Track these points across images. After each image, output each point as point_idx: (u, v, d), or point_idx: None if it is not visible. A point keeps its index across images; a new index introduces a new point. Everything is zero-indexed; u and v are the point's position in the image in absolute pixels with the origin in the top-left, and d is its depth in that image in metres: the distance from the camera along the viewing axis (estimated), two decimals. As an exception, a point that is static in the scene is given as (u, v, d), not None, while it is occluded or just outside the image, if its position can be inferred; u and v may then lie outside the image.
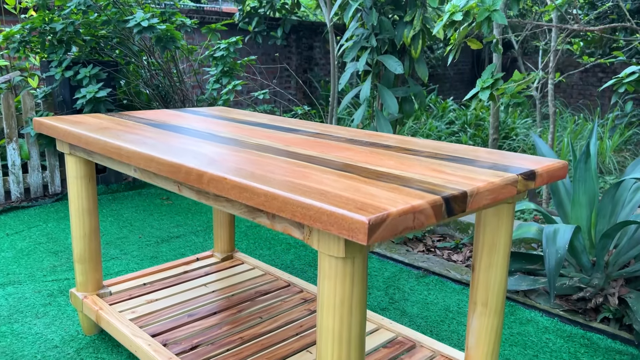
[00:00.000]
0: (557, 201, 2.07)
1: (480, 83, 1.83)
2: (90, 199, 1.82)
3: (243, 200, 1.04)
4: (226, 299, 1.92)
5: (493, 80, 1.76)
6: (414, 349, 1.62)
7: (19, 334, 1.93)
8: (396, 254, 2.73)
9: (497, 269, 1.38)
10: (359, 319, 1.00)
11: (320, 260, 0.99)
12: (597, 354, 1.87)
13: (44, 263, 2.58)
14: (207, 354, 1.57)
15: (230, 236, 2.27)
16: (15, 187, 3.46)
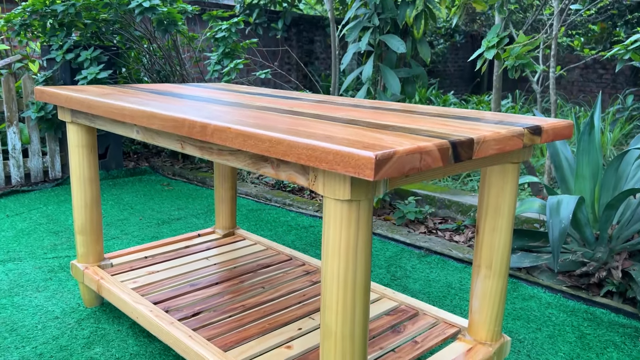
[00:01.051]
0: (560, 176, 2.07)
1: (486, 43, 1.82)
2: (92, 168, 1.82)
3: (247, 148, 1.04)
4: (228, 271, 1.91)
5: (498, 39, 1.75)
6: (417, 317, 1.61)
7: (19, 306, 1.92)
8: (397, 235, 2.72)
9: (502, 232, 1.37)
10: (363, 264, 0.99)
11: (326, 206, 0.99)
12: (601, 327, 1.87)
13: (44, 242, 2.57)
14: (209, 319, 1.56)
15: (231, 213, 2.26)
16: (16, 171, 3.45)
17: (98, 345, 1.69)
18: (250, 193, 3.49)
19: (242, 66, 3.05)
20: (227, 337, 1.47)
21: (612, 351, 1.73)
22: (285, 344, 1.44)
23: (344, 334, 1.01)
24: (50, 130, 3.47)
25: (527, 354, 1.71)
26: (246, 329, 1.52)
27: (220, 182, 2.21)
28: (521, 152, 1.31)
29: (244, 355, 1.38)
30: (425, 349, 1.44)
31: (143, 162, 4.24)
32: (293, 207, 3.24)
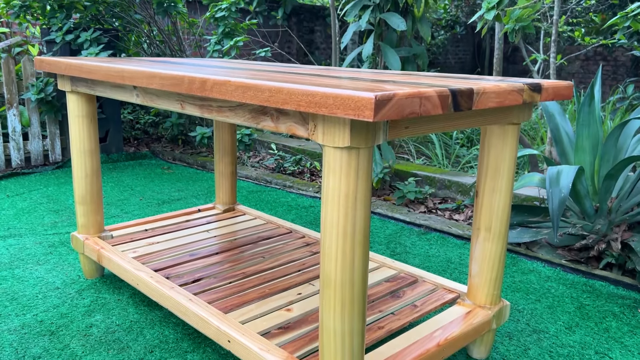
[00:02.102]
0: (560, 150, 2.07)
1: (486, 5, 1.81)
2: (92, 139, 1.82)
3: (247, 99, 1.04)
4: (228, 242, 1.91)
5: (498, 0, 1.74)
6: (416, 283, 1.62)
7: (20, 278, 1.93)
8: (397, 214, 2.72)
9: (501, 193, 1.38)
10: (363, 213, 1.00)
11: (325, 155, 0.99)
12: (600, 299, 1.87)
13: (44, 219, 2.58)
14: (209, 285, 1.57)
15: (232, 188, 2.26)
16: (16, 153, 3.46)
17: (98, 313, 1.69)
18: (250, 176, 3.49)
19: (242, 44, 3.05)
20: (227, 300, 1.47)
21: (611, 320, 1.73)
22: (285, 307, 1.45)
23: (344, 282, 1.02)
24: (50, 113, 3.46)
25: (526, 322, 1.71)
26: (246, 293, 1.52)
27: (220, 156, 2.21)
28: (521, 112, 1.32)
29: (244, 317, 1.38)
30: (424, 312, 1.44)
31: (143, 147, 4.24)
32: (293, 188, 3.24)
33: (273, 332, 1.32)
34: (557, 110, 2.12)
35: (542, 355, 1.53)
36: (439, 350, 1.27)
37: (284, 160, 3.70)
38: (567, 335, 1.64)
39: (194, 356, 1.47)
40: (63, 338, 1.54)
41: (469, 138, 4.81)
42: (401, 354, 1.22)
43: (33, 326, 1.60)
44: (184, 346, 1.52)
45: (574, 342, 1.60)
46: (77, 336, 1.56)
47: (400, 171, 3.16)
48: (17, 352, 1.47)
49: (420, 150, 4.28)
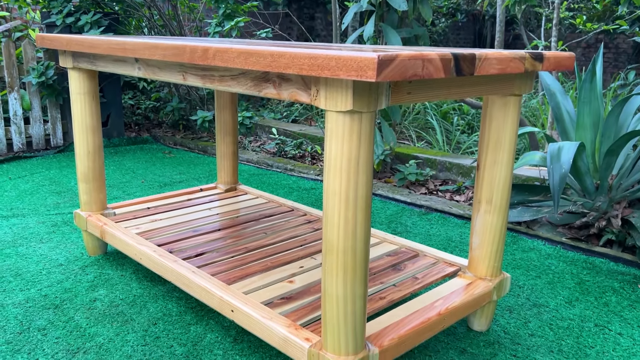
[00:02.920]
0: (561, 128, 2.07)
1: None
2: (94, 116, 1.82)
3: (249, 66, 1.04)
4: (230, 220, 1.92)
5: None
6: (417, 257, 1.63)
7: (23, 255, 1.94)
8: (398, 195, 2.73)
9: (502, 166, 1.38)
10: (365, 178, 1.00)
11: (328, 121, 0.99)
12: (600, 275, 1.88)
13: (47, 200, 2.59)
14: (212, 259, 1.58)
15: (233, 168, 2.27)
16: (17, 137, 3.46)
17: (102, 288, 1.70)
18: (251, 159, 3.50)
19: (243, 24, 3.04)
20: (230, 273, 1.48)
21: (610, 295, 1.75)
22: (288, 279, 1.46)
23: (346, 248, 1.03)
24: (51, 97, 3.46)
25: (526, 297, 1.73)
26: (249, 267, 1.53)
27: (221, 137, 2.21)
28: (523, 83, 1.32)
29: (247, 288, 1.40)
30: (425, 283, 1.45)
31: (144, 133, 4.24)
32: (294, 172, 3.25)
33: (276, 302, 1.33)
34: (558, 89, 2.11)
35: (542, 327, 1.54)
36: (439, 319, 1.28)
37: (285, 145, 3.71)
38: (567, 309, 1.65)
39: (197, 328, 1.49)
40: (67, 311, 1.56)
41: (469, 125, 4.81)
42: (402, 322, 1.23)
43: (37, 300, 1.62)
44: (187, 319, 1.53)
45: (574, 316, 1.61)
46: (81, 309, 1.57)
47: (401, 154, 3.17)
48: (21, 324, 1.49)
49: (421, 135, 4.28)
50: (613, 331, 1.53)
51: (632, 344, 1.47)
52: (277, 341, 1.19)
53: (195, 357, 1.35)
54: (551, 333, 1.51)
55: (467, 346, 1.44)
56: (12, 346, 1.38)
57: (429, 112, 4.72)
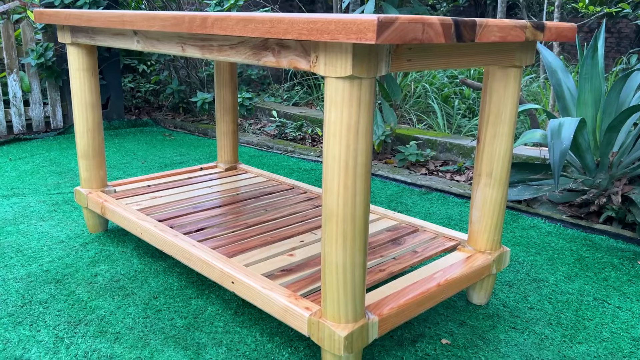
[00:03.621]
0: (562, 105, 2.06)
1: None
2: (93, 92, 1.81)
3: (248, 33, 1.03)
4: (231, 197, 1.92)
5: None
6: (417, 232, 1.63)
7: (24, 232, 1.95)
8: (399, 175, 2.73)
9: (503, 139, 1.38)
10: (364, 146, 1.00)
11: (327, 88, 0.99)
12: (599, 252, 1.89)
13: (47, 180, 2.59)
14: (213, 234, 1.58)
15: (233, 147, 2.26)
16: (17, 119, 3.45)
17: (103, 263, 1.71)
18: (251, 142, 3.49)
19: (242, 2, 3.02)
20: (230, 247, 1.49)
21: (610, 271, 1.75)
22: (288, 252, 1.46)
23: (345, 216, 1.03)
24: (50, 79, 3.45)
25: (526, 273, 1.73)
26: (249, 241, 1.54)
27: (221, 115, 2.21)
28: (523, 54, 1.31)
29: (247, 261, 1.40)
30: (424, 257, 1.46)
31: (144, 116, 4.23)
32: (295, 153, 3.24)
33: (276, 274, 1.33)
34: (560, 67, 2.10)
35: (541, 301, 1.55)
36: (439, 290, 1.28)
37: (285, 127, 3.70)
38: (566, 284, 1.66)
39: (198, 301, 1.49)
40: (69, 285, 1.57)
41: (470, 109, 4.80)
42: (402, 292, 1.24)
43: (39, 275, 1.63)
44: (188, 293, 1.54)
45: (573, 290, 1.62)
46: (82, 284, 1.58)
47: (402, 135, 3.16)
48: (23, 297, 1.50)
49: (422, 119, 4.27)
50: (612, 305, 1.54)
51: (631, 316, 1.48)
52: (277, 311, 1.20)
53: (196, 329, 1.36)
54: (550, 306, 1.52)
55: (466, 319, 1.45)
56: (14, 318, 1.39)
57: (430, 96, 4.71)
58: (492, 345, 1.33)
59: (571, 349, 1.32)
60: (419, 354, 1.28)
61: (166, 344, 1.29)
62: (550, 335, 1.38)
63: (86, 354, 1.25)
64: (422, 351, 1.29)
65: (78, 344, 1.28)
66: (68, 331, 1.34)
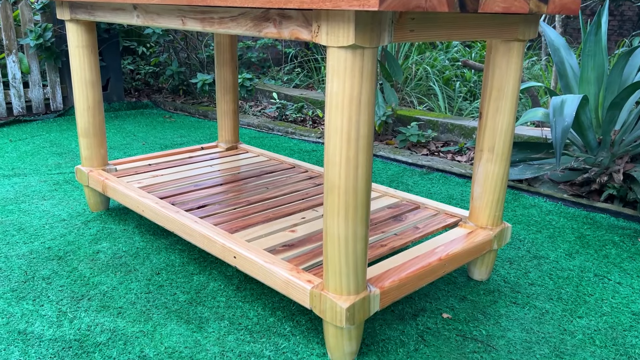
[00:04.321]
0: (564, 83, 2.05)
1: None
2: (93, 70, 1.80)
3: (249, 3, 1.02)
4: (232, 176, 1.92)
5: None
6: (418, 209, 1.63)
7: (26, 211, 1.95)
8: (400, 156, 2.72)
9: (505, 114, 1.37)
10: (367, 117, 1.00)
11: (329, 58, 0.98)
12: (600, 230, 1.89)
13: (48, 161, 2.59)
14: (214, 211, 1.58)
15: (234, 126, 2.25)
16: (17, 101, 3.44)
17: (105, 241, 1.72)
18: (252, 123, 3.48)
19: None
20: (232, 223, 1.49)
21: (610, 248, 1.76)
22: (290, 228, 1.47)
23: (347, 187, 1.02)
24: (49, 60, 3.43)
25: (527, 250, 1.74)
26: (251, 217, 1.54)
27: (222, 94, 2.20)
28: (527, 27, 1.30)
29: (249, 236, 1.40)
30: (426, 233, 1.46)
31: (144, 98, 4.22)
32: (295, 135, 3.24)
33: (278, 249, 1.34)
34: (562, 44, 2.09)
35: (542, 277, 1.56)
36: (440, 264, 1.29)
37: (286, 109, 3.69)
38: (567, 261, 1.66)
39: (200, 277, 1.50)
40: (71, 262, 1.57)
41: (471, 92, 4.78)
42: (403, 266, 1.24)
43: (41, 252, 1.63)
44: (190, 269, 1.55)
45: (574, 267, 1.63)
46: (84, 260, 1.58)
47: (403, 116, 3.15)
48: (26, 273, 1.50)
49: (423, 101, 4.25)
50: (612, 280, 1.55)
51: (632, 292, 1.48)
52: (279, 284, 1.20)
53: (198, 304, 1.37)
54: (551, 282, 1.53)
55: (467, 294, 1.45)
56: (17, 293, 1.40)
57: (431, 78, 4.68)
58: (493, 319, 1.34)
59: (571, 323, 1.33)
60: (420, 328, 1.29)
61: (169, 318, 1.30)
62: (550, 309, 1.39)
63: (89, 327, 1.26)
64: (423, 325, 1.30)
65: (81, 318, 1.29)
66: (71, 306, 1.34)
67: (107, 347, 1.19)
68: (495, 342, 1.24)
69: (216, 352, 1.18)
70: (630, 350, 1.22)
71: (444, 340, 1.24)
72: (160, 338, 1.22)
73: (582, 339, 1.26)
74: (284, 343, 1.22)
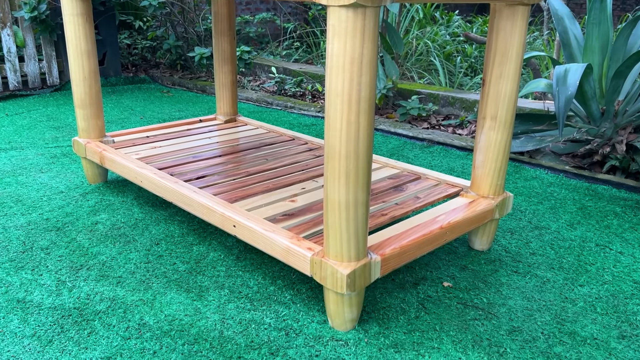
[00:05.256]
0: (568, 53, 2.01)
1: None
2: (89, 39, 1.77)
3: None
4: (231, 147, 1.90)
5: None
6: (419, 179, 1.62)
7: (23, 183, 1.93)
8: (400, 129, 2.70)
9: (509, 80, 1.35)
10: (368, 79, 0.97)
11: (330, 18, 0.95)
12: (602, 201, 1.88)
13: (45, 134, 2.56)
14: (213, 181, 1.57)
15: (233, 99, 2.23)
16: (13, 75, 3.40)
17: (103, 212, 1.70)
18: (250, 98, 3.45)
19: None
20: (231, 193, 1.48)
21: (612, 219, 1.75)
22: (290, 198, 1.45)
23: (348, 152, 1.01)
24: (45, 33, 3.38)
25: (528, 221, 1.73)
26: (250, 188, 1.52)
27: (220, 65, 2.16)
28: (532, -10, 1.26)
29: (249, 206, 1.39)
30: (427, 202, 1.45)
31: (141, 73, 4.17)
32: (294, 109, 3.21)
33: (278, 218, 1.33)
34: (566, 14, 2.05)
35: (543, 247, 1.55)
36: (441, 233, 1.28)
37: (285, 83, 3.65)
38: (568, 231, 1.65)
39: (199, 248, 1.49)
40: (69, 233, 1.56)
41: (472, 67, 4.73)
42: (404, 234, 1.23)
43: (39, 223, 1.62)
44: (189, 239, 1.54)
45: (575, 237, 1.62)
46: (83, 231, 1.57)
47: (404, 90, 3.11)
48: (24, 244, 1.49)
49: (424, 76, 4.20)
50: (614, 250, 1.54)
51: (633, 261, 1.48)
52: (279, 252, 1.19)
53: (198, 273, 1.36)
54: (552, 252, 1.52)
55: (468, 263, 1.45)
56: (16, 263, 1.39)
57: (432, 53, 4.63)
58: (494, 288, 1.33)
59: (572, 291, 1.33)
60: (421, 296, 1.28)
61: (169, 287, 1.29)
62: (552, 278, 1.38)
63: (89, 296, 1.25)
64: (423, 293, 1.30)
65: (80, 287, 1.28)
66: (70, 275, 1.34)
67: (106, 315, 1.18)
68: (496, 310, 1.24)
69: (216, 319, 1.17)
70: (632, 317, 1.22)
71: (444, 308, 1.24)
72: (160, 306, 1.22)
73: (584, 307, 1.26)
74: (285, 311, 1.21)
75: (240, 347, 1.09)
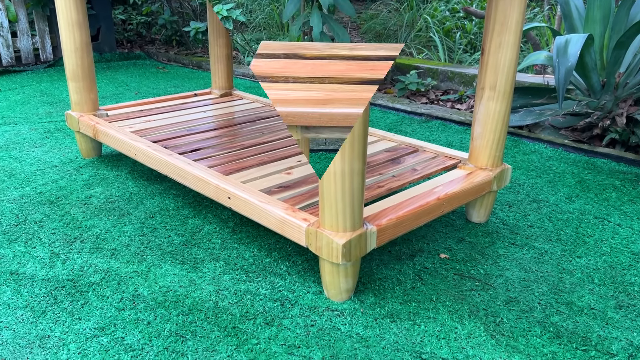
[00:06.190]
0: (569, 25, 1.98)
1: None
2: (79, 10, 1.73)
3: None
4: (226, 121, 1.88)
5: None
6: (417, 152, 1.60)
7: (17, 158, 1.91)
8: (398, 104, 2.67)
9: (508, 49, 1.32)
10: (365, 43, 0.94)
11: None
12: (601, 174, 1.86)
13: (39, 110, 2.53)
14: (208, 154, 1.55)
15: (228, 72, 2.19)
16: (5, 50, 3.34)
17: (97, 186, 1.69)
18: (247, 74, 3.41)
19: None
20: (226, 166, 1.46)
21: (611, 192, 1.73)
22: (285, 171, 1.43)
23: (344, 120, 0.98)
24: (37, 8, 3.32)
25: (526, 194, 1.71)
26: (245, 160, 1.50)
27: (214, 38, 2.13)
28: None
29: (244, 179, 1.37)
30: (424, 174, 1.43)
31: (137, 50, 4.11)
32: (292, 84, 3.16)
33: (273, 190, 1.31)
34: (569, -16, 2.01)
35: (541, 220, 1.54)
36: (438, 204, 1.26)
37: (282, 59, 3.59)
38: (567, 204, 1.64)
39: (194, 221, 1.48)
40: (63, 206, 1.55)
41: (472, 44, 4.67)
42: (401, 204, 1.22)
43: (32, 197, 1.60)
44: (184, 213, 1.53)
45: (574, 209, 1.61)
46: (77, 205, 1.56)
47: (402, 65, 3.07)
48: (17, 217, 1.48)
49: (423, 52, 4.15)
50: (612, 222, 1.53)
51: (631, 233, 1.47)
52: (274, 223, 1.18)
53: (193, 246, 1.35)
54: (550, 224, 1.51)
55: (465, 235, 1.44)
56: (9, 236, 1.38)
57: (431, 29, 4.57)
58: (491, 259, 1.32)
59: (570, 262, 1.32)
60: (417, 267, 1.28)
61: (163, 259, 1.28)
62: (549, 250, 1.37)
63: (82, 268, 1.24)
64: (420, 264, 1.29)
65: (74, 259, 1.27)
66: (63, 247, 1.32)
67: (100, 286, 1.17)
68: (493, 281, 1.23)
69: (211, 290, 1.16)
70: (629, 288, 1.21)
71: (441, 279, 1.23)
72: (154, 278, 1.21)
73: (581, 278, 1.25)
74: (280, 282, 1.20)
75: (235, 318, 1.08)
